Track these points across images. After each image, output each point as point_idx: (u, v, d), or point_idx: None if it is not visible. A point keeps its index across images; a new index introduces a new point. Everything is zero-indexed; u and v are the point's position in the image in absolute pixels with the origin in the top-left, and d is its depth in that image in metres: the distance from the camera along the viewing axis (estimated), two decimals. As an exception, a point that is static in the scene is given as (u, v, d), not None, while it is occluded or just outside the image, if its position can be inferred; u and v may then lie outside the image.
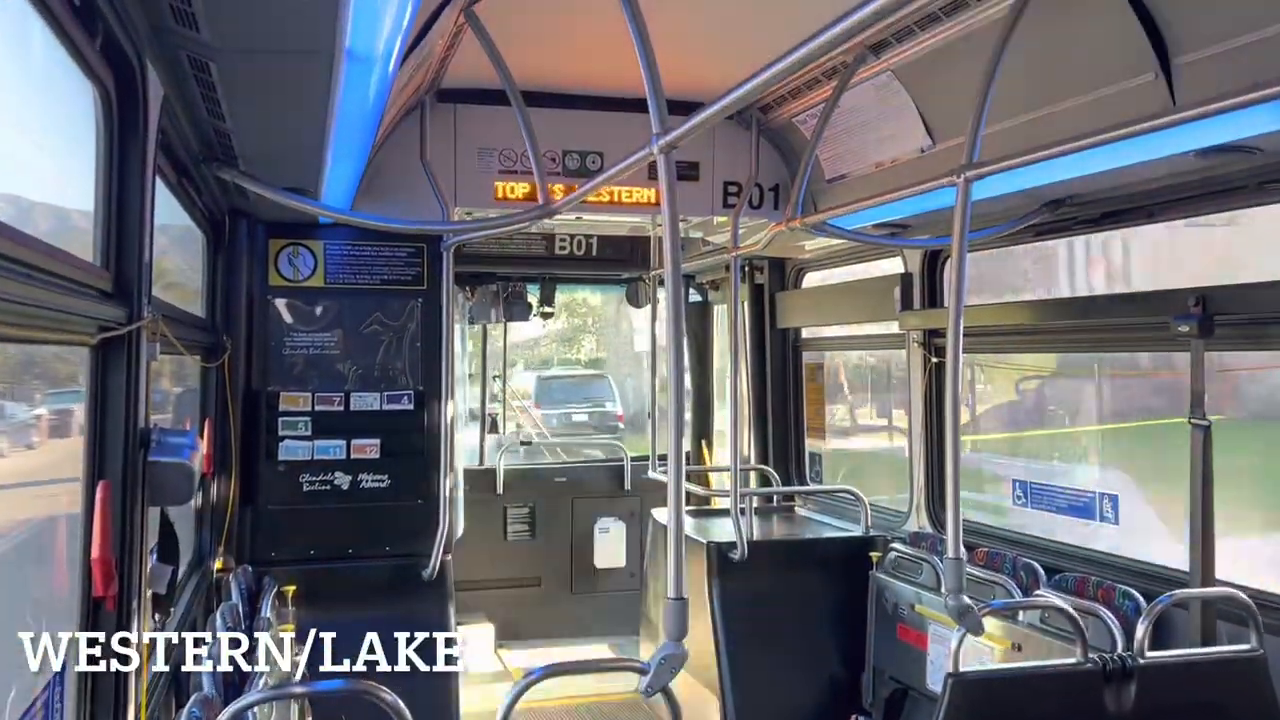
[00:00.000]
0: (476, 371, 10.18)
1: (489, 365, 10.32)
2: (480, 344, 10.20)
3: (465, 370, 9.66)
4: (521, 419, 13.56)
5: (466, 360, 9.81)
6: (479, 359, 10.25)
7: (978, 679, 4.13)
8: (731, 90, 2.82)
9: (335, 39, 2.81)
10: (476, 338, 10.10)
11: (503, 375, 10.76)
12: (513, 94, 4.76)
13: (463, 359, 9.44)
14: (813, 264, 8.20)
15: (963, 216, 4.08)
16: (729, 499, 6.54)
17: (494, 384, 10.54)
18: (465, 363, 9.67)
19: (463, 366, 9.43)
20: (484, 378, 10.30)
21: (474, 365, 10.14)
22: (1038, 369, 7.34)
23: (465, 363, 9.67)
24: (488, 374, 10.31)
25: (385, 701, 3.11)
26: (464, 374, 9.52)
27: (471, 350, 10.06)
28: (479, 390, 10.18)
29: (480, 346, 10.22)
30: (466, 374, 9.76)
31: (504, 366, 10.77)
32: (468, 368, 9.87)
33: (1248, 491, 5.50)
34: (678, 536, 3.00)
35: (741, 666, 6.42)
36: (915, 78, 5.19)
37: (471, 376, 10.07)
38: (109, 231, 3.02)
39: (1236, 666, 4.19)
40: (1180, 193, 4.69)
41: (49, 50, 2.53)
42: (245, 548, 5.98)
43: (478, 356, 10.22)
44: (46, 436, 3.25)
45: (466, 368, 9.78)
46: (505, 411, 10.70)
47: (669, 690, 3.14)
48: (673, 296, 3.12)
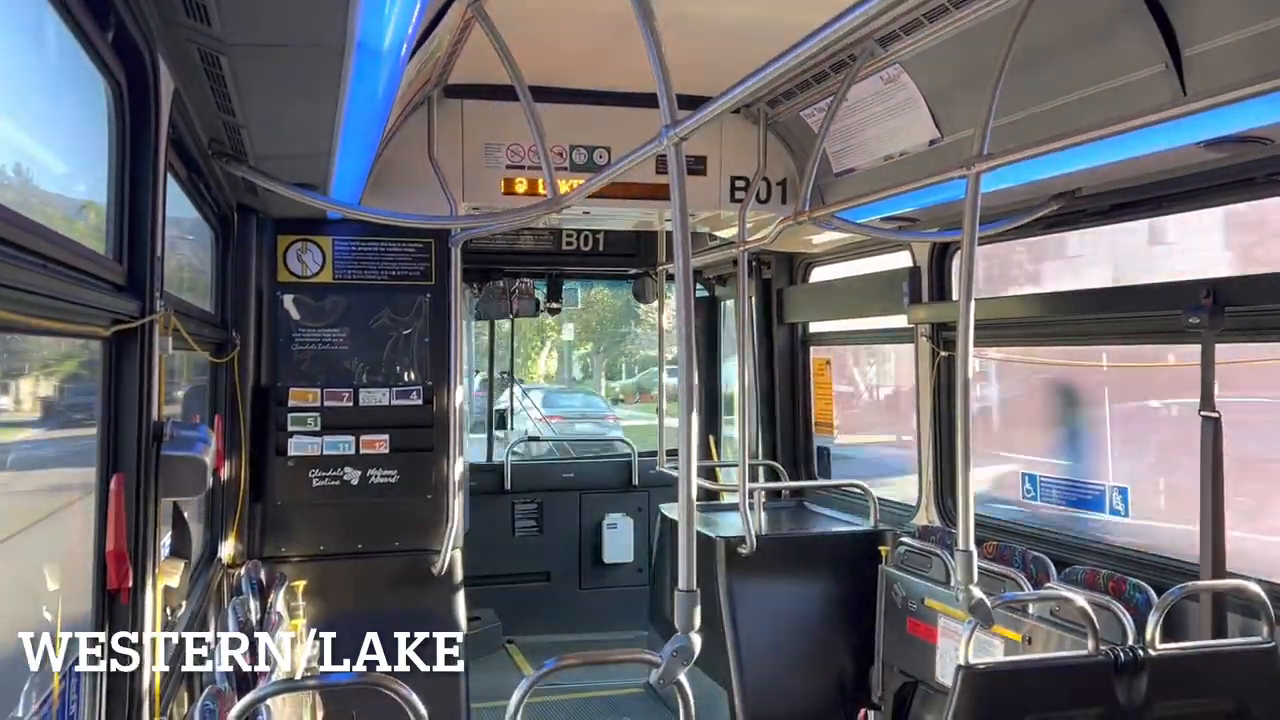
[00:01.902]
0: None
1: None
2: (489, 340, 10.22)
3: (471, 366, 9.67)
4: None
5: (473, 357, 9.83)
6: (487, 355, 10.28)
7: (989, 670, 4.13)
8: (742, 81, 2.82)
9: (345, 32, 2.81)
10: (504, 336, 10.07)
11: (510, 372, 10.76)
12: (520, 89, 4.76)
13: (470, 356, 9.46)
14: (820, 258, 8.19)
15: (972, 209, 4.08)
16: (737, 494, 6.55)
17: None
18: (470, 359, 9.69)
19: (470, 362, 9.44)
20: (491, 374, 10.31)
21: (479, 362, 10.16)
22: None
23: (470, 359, 9.69)
24: (495, 370, 10.33)
25: (398, 694, 3.11)
26: (470, 369, 9.53)
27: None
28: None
29: (489, 342, 10.24)
30: (473, 370, 9.78)
31: (511, 363, 10.77)
32: (472, 364, 9.89)
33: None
34: (689, 528, 3.00)
35: (751, 661, 6.42)
36: (923, 70, 5.18)
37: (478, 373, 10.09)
38: (121, 225, 3.03)
39: (1248, 658, 4.18)
40: (1190, 184, 4.68)
41: (63, 45, 2.54)
42: (255, 543, 5.99)
43: (484, 355, 10.24)
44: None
45: (471, 364, 9.79)
46: (513, 407, 10.70)
47: (681, 682, 3.14)
48: (683, 289, 3.12)
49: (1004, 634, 5.06)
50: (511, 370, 10.75)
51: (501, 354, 10.71)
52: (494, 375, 10.43)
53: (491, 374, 10.35)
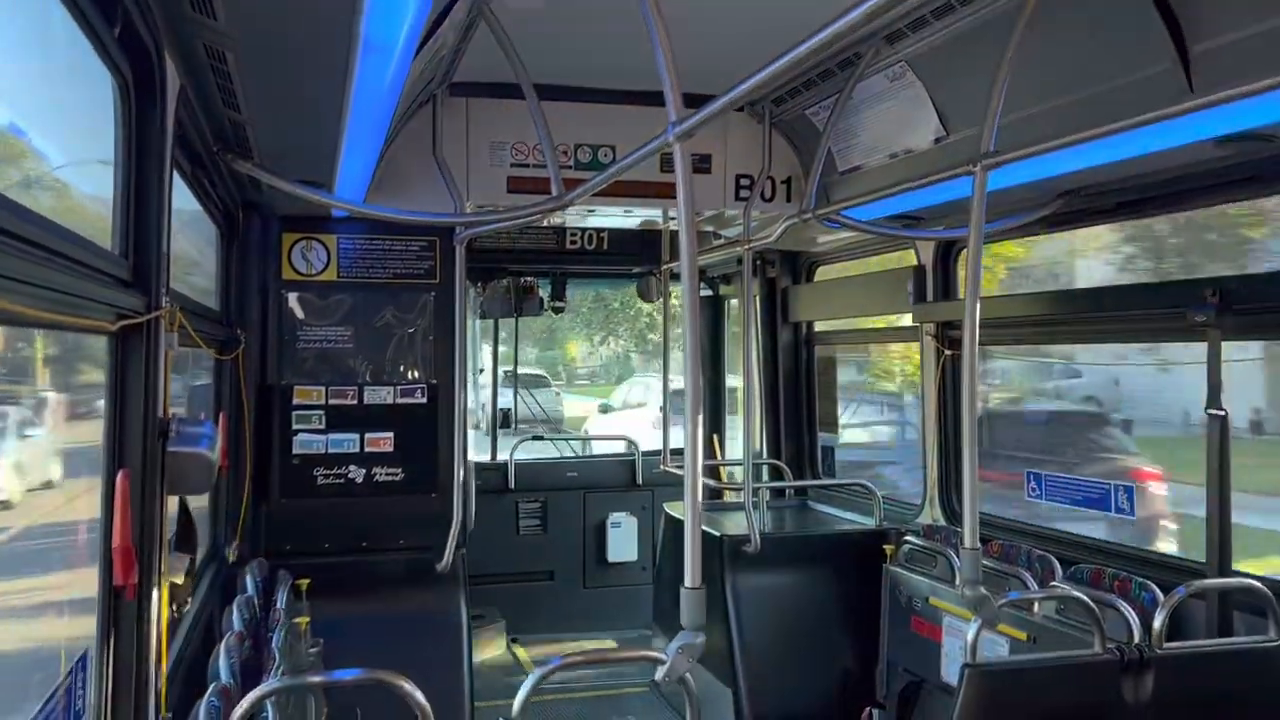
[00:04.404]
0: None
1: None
2: (492, 338, 10.22)
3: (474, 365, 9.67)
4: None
5: (476, 356, 9.82)
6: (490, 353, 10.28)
7: (995, 670, 4.12)
8: (747, 78, 2.81)
9: (351, 28, 2.81)
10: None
11: (514, 370, 10.76)
12: (526, 87, 4.76)
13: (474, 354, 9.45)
14: (825, 257, 8.19)
15: (979, 207, 4.07)
16: (742, 492, 6.54)
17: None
18: (474, 358, 9.68)
19: (474, 361, 9.44)
20: (495, 372, 10.31)
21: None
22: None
23: (474, 358, 9.68)
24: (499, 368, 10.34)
25: (403, 691, 3.11)
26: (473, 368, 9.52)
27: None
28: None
29: (492, 341, 10.24)
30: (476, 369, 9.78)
31: (515, 361, 10.77)
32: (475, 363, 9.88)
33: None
34: (694, 525, 3.00)
35: (755, 659, 6.42)
36: (929, 68, 5.16)
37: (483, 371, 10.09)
38: (127, 221, 3.04)
39: (1254, 657, 4.17)
40: (1197, 182, 4.66)
41: (70, 41, 2.54)
42: (260, 541, 6.00)
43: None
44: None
45: (475, 362, 9.79)
46: (517, 405, 10.70)
47: (686, 679, 3.14)
48: (689, 286, 3.11)
49: (1009, 633, 5.06)
50: (515, 368, 10.75)
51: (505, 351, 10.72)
52: (497, 373, 10.44)
53: (495, 372, 10.35)
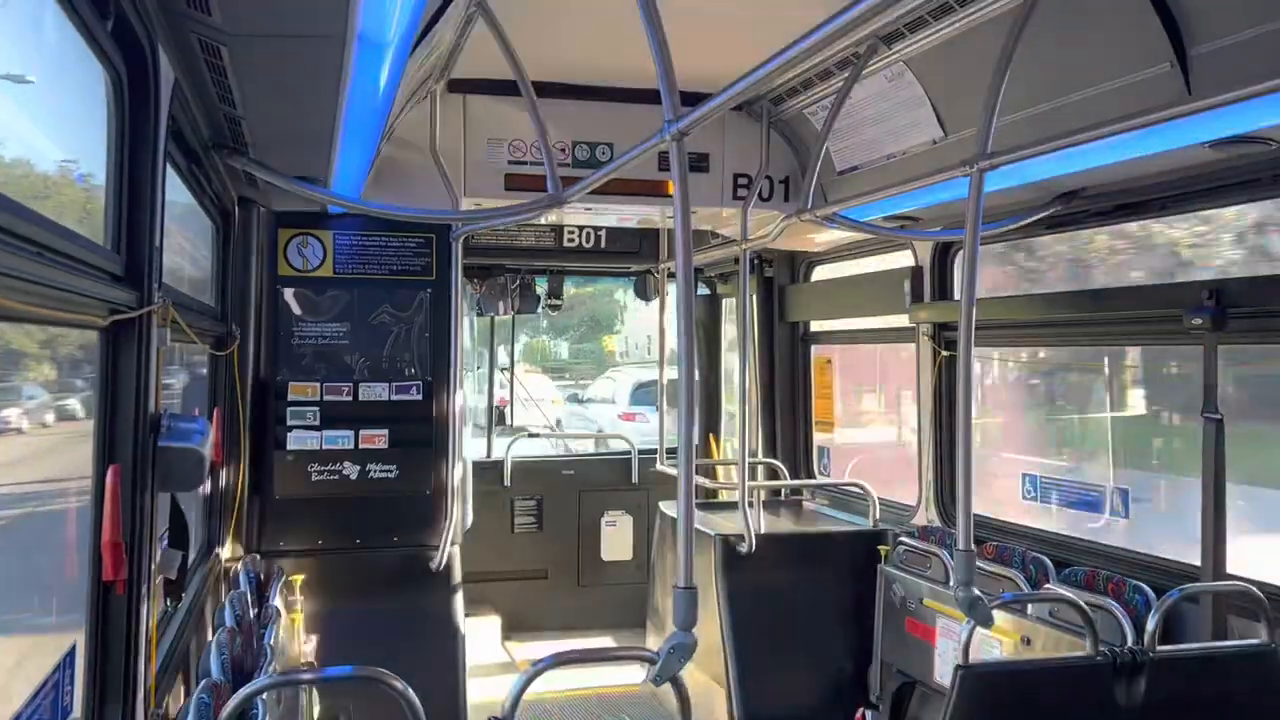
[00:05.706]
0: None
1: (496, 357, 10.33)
2: (489, 335, 10.20)
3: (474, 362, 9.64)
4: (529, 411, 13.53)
5: (475, 355, 9.80)
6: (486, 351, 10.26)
7: (988, 671, 4.12)
8: (745, 77, 2.80)
9: (347, 23, 2.80)
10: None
11: (510, 367, 10.74)
12: (523, 84, 4.75)
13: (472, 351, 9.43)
14: (822, 257, 8.18)
15: (975, 208, 4.06)
16: (737, 492, 6.54)
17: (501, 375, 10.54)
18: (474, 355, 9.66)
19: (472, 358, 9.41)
20: (491, 369, 10.29)
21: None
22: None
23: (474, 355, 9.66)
24: (495, 366, 10.31)
25: (394, 689, 3.10)
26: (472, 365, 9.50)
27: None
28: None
29: (488, 338, 10.22)
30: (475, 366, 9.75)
31: (511, 358, 10.76)
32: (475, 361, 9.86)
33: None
34: (688, 525, 2.99)
35: (749, 659, 6.41)
36: (928, 68, 5.16)
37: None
38: (120, 216, 3.02)
39: (1248, 660, 4.17)
40: (1195, 185, 4.66)
41: (63, 34, 2.52)
42: (254, 537, 5.99)
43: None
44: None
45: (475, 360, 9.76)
46: (513, 403, 10.68)
47: (678, 679, 3.13)
48: (683, 285, 3.11)
49: (1003, 635, 5.05)
50: (512, 365, 10.72)
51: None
52: (494, 370, 10.42)
53: (492, 369, 10.33)
